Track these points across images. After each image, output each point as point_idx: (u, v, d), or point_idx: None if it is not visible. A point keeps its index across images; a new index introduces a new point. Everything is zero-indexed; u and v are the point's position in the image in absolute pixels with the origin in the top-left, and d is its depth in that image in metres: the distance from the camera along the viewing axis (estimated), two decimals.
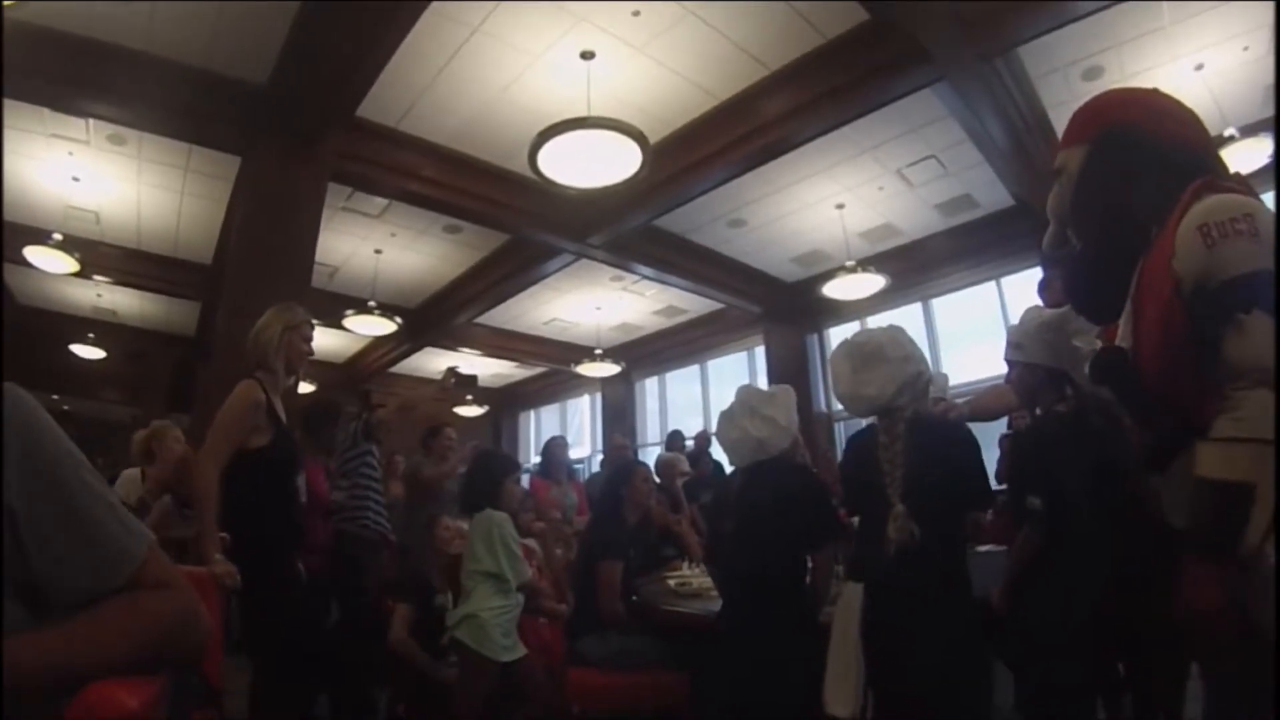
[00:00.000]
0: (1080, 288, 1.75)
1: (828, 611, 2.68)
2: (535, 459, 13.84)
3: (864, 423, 2.72)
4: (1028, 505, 2.31)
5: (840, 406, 10.05)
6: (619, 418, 13.17)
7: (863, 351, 2.53)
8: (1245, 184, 1.51)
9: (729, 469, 3.44)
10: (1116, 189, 1.59)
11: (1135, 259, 1.56)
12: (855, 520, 2.84)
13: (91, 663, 0.82)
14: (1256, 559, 1.22)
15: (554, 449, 6.58)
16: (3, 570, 0.82)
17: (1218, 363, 1.33)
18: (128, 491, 4.15)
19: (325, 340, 3.62)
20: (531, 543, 4.30)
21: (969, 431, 2.49)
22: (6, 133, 6.19)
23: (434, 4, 4.71)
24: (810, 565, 2.87)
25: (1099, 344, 1.94)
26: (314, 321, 3.22)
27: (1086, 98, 1.76)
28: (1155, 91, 1.71)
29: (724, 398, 3.24)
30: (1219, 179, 1.47)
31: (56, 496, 0.86)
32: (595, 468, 11.86)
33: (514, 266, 9.12)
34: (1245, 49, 5.58)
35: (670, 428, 9.91)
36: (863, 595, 2.31)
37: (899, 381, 2.43)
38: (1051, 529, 2.28)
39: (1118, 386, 1.62)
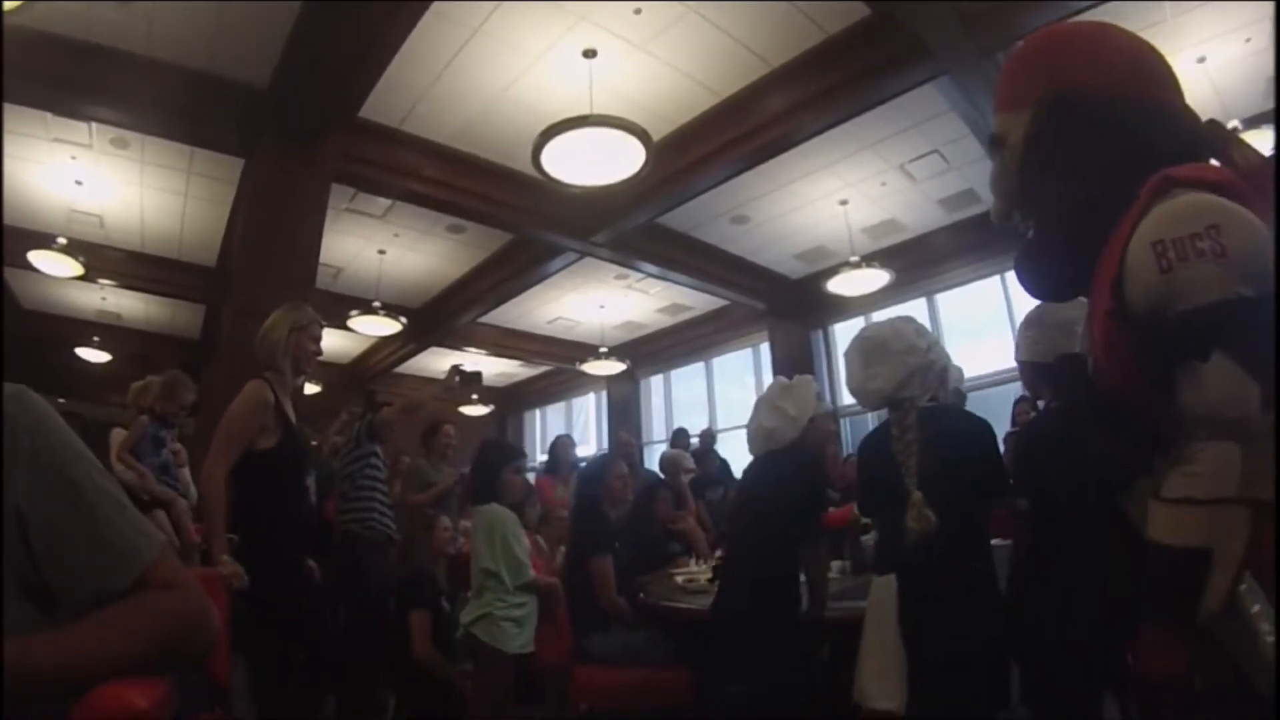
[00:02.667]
0: (1030, 275, 1.50)
1: (844, 607, 2.69)
2: (541, 458, 13.88)
3: (870, 420, 2.73)
4: (1016, 506, 2.31)
5: (846, 403, 10.09)
6: (624, 416, 13.17)
7: (869, 345, 2.53)
8: (1231, 162, 1.29)
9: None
10: (1069, 168, 1.35)
11: (1097, 244, 1.32)
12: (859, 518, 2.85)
13: (101, 662, 0.82)
14: (1215, 626, 1.09)
15: (560, 447, 6.66)
16: (3, 569, 0.82)
17: (1174, 404, 1.17)
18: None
19: (330, 341, 3.63)
20: (540, 540, 4.32)
21: (983, 421, 2.47)
22: (8, 137, 6.20)
23: (435, 5, 4.71)
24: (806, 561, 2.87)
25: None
26: (322, 321, 3.22)
27: None
28: (1106, 32, 1.46)
29: (729, 395, 3.28)
30: (1188, 167, 1.23)
31: (66, 497, 0.87)
32: None
33: (518, 266, 9.13)
34: (1247, 41, 5.56)
35: (675, 425, 9.90)
36: (896, 588, 2.31)
37: (903, 373, 2.43)
38: (1042, 527, 2.27)
39: (1077, 395, 1.51)
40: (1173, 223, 1.15)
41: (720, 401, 12.24)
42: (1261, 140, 5.63)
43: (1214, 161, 1.33)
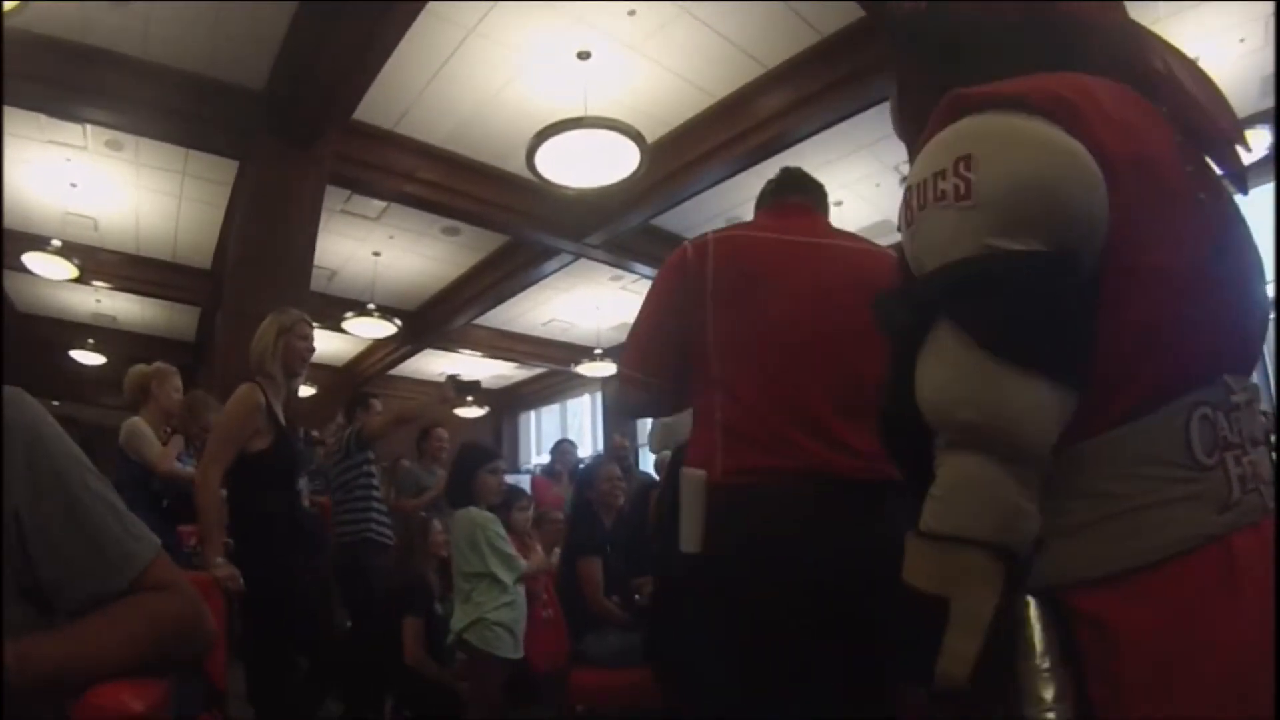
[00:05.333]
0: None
1: None
2: (537, 459, 13.86)
3: None
4: None
5: None
6: (619, 418, 13.14)
7: None
8: (1151, 73, 0.91)
9: None
10: (920, 98, 1.00)
11: None
12: None
13: (98, 663, 0.83)
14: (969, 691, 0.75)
15: (564, 451, 6.97)
16: (2, 571, 0.82)
17: None
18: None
19: (325, 343, 3.62)
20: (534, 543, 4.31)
21: None
22: (4, 139, 6.18)
23: (429, 6, 4.71)
24: None
25: None
26: (310, 320, 3.22)
27: None
28: None
29: None
30: (1001, 84, 0.84)
31: (61, 500, 0.87)
32: None
33: (512, 267, 9.13)
34: (1242, 41, 5.58)
35: None
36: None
37: None
38: None
39: None
40: (925, 160, 0.83)
41: None
42: (1259, 140, 5.67)
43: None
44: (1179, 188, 0.82)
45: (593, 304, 10.75)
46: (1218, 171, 0.92)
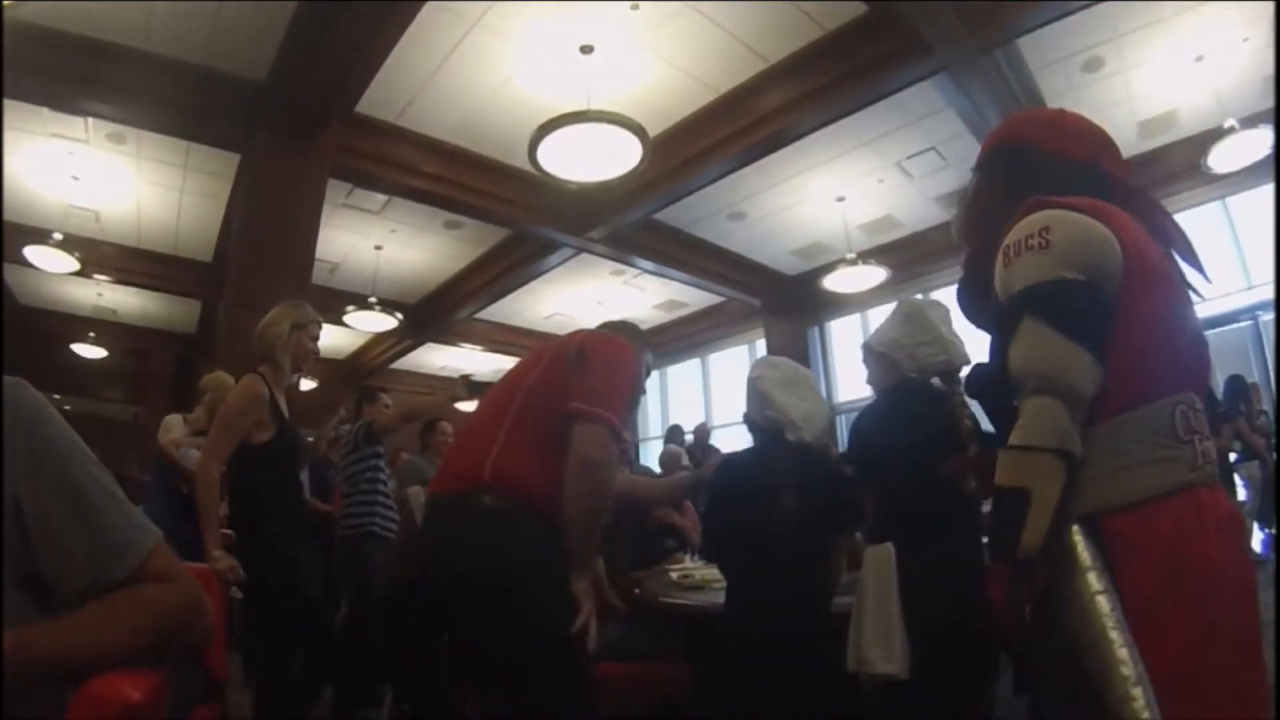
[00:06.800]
0: (961, 303, 1.67)
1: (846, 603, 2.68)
2: None
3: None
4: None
5: (841, 400, 10.10)
6: None
7: (925, 319, 2.59)
8: (1124, 194, 1.43)
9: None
10: (997, 207, 1.51)
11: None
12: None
13: (98, 652, 0.83)
14: (1035, 562, 1.22)
15: None
16: (3, 559, 0.83)
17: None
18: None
19: (326, 337, 3.61)
20: None
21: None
22: (6, 132, 6.19)
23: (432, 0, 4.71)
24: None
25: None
26: (322, 322, 3.23)
27: (1086, 89, 1.67)
28: (1060, 112, 1.62)
29: (725, 391, 3.20)
30: (1054, 196, 1.37)
31: (62, 489, 0.88)
32: None
33: (514, 261, 9.13)
34: (1245, 40, 5.58)
35: (671, 422, 9.91)
36: (894, 555, 2.33)
37: (960, 345, 2.54)
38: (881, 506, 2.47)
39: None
40: (1019, 231, 1.33)
41: (716, 398, 12.27)
42: (1260, 139, 5.67)
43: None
44: (1160, 269, 1.32)
45: (594, 298, 10.76)
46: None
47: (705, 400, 12.41)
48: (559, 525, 1.87)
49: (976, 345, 1.82)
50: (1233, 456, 6.28)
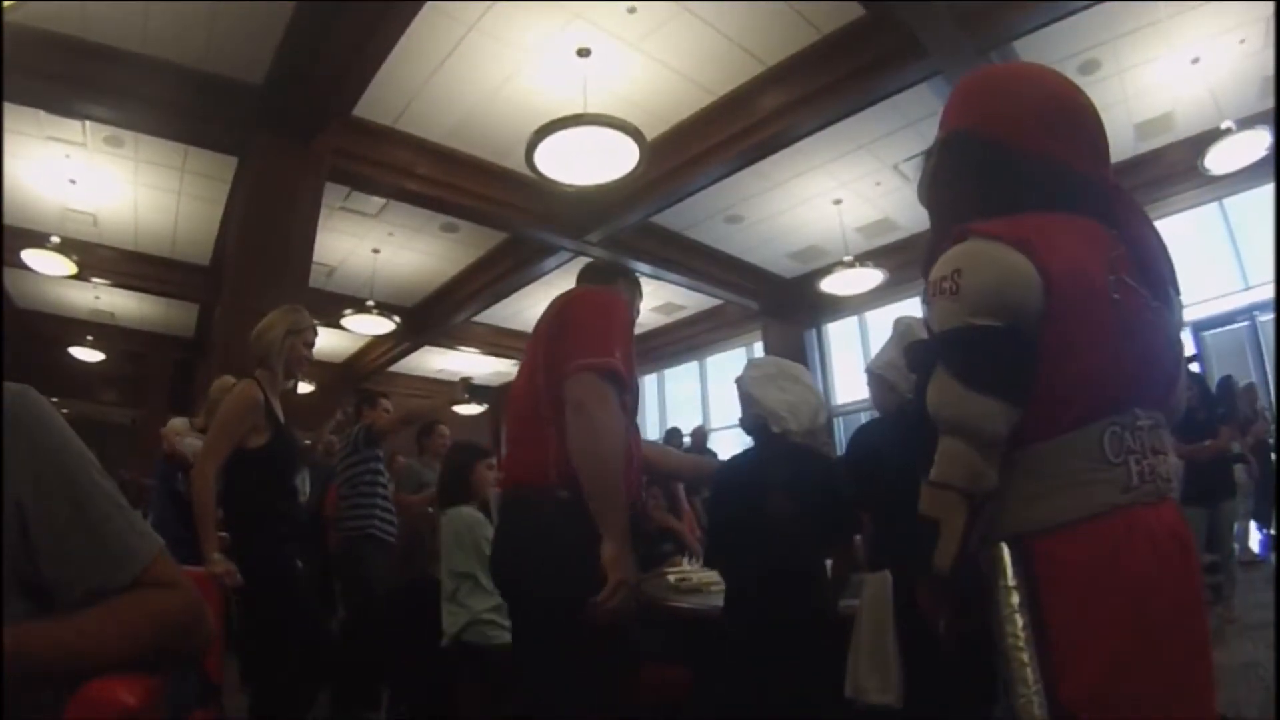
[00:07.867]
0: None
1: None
2: None
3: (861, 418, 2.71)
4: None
5: (839, 402, 10.09)
6: None
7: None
8: (1086, 191, 1.37)
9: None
10: (940, 203, 1.58)
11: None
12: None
13: (97, 655, 0.83)
14: (949, 579, 1.33)
15: None
16: (3, 566, 0.83)
17: None
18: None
19: (324, 340, 3.62)
20: None
21: None
22: (4, 136, 6.18)
23: (430, 2, 4.71)
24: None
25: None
26: (317, 328, 3.23)
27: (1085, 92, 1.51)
28: (1026, 80, 1.48)
29: (723, 394, 3.18)
30: (994, 222, 1.32)
31: (65, 494, 0.88)
32: None
33: (511, 264, 9.14)
34: (1241, 42, 5.59)
35: (669, 425, 9.91)
36: (890, 584, 2.31)
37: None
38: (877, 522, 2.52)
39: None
40: (939, 268, 1.34)
41: (714, 401, 12.25)
42: (1257, 140, 5.68)
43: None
44: (1100, 291, 1.26)
45: None
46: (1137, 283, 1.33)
47: (703, 403, 12.40)
48: (578, 499, 1.86)
49: None
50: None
